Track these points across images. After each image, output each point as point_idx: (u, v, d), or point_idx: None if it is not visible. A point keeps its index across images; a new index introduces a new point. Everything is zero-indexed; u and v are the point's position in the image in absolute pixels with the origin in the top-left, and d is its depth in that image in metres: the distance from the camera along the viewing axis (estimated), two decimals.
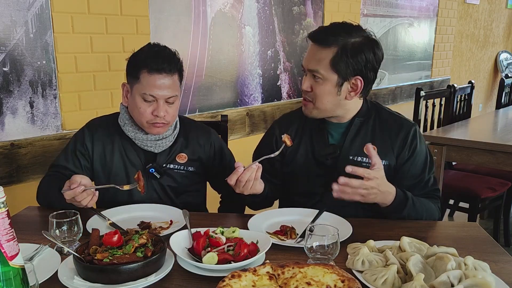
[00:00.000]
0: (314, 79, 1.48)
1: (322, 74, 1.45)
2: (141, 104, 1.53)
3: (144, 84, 1.51)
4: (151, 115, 1.53)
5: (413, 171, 1.53)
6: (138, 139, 1.61)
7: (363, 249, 1.14)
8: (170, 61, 1.53)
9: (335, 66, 1.43)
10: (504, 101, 4.28)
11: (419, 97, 3.17)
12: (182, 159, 1.67)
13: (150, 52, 1.54)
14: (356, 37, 1.45)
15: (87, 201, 1.37)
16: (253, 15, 3.01)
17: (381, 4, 4.19)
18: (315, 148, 1.58)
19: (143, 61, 1.52)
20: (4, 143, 2.00)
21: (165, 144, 1.63)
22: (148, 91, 1.51)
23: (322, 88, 1.47)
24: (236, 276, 1.01)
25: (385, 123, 1.56)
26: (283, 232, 1.37)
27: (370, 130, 1.55)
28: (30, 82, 2.05)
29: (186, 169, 1.68)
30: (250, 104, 3.12)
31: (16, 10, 1.96)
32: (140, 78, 1.52)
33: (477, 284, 0.98)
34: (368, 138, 1.53)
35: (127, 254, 1.10)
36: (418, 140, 1.54)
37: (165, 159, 1.65)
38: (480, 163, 2.64)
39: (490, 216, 3.59)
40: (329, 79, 1.45)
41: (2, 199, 0.75)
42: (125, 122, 1.62)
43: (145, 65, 1.51)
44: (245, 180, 1.37)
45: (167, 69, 1.51)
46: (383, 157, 1.49)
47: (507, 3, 6.59)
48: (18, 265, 0.78)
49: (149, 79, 1.51)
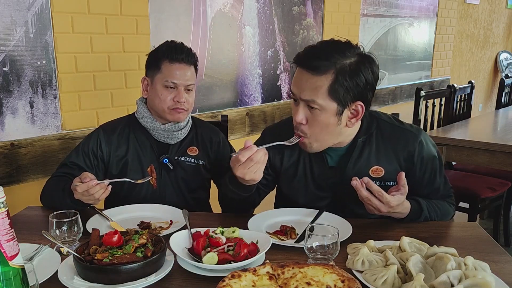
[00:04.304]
0: (309, 110, 1.33)
1: (320, 104, 1.29)
2: (163, 91, 1.65)
3: (166, 73, 1.65)
4: (172, 101, 1.65)
5: (426, 181, 1.48)
6: (156, 130, 1.69)
7: (363, 249, 1.14)
8: (189, 53, 1.68)
9: (334, 93, 1.28)
10: (504, 101, 4.28)
11: (419, 97, 3.17)
12: (193, 152, 1.75)
13: (170, 46, 1.69)
14: (351, 56, 1.31)
15: (99, 194, 1.39)
16: (253, 15, 3.01)
17: (381, 4, 4.19)
18: (314, 171, 1.49)
19: (164, 52, 1.66)
20: (4, 143, 2.00)
21: (180, 135, 1.73)
22: (170, 78, 1.64)
23: (320, 119, 1.32)
24: (236, 276, 1.01)
25: (389, 139, 1.45)
26: (283, 232, 1.37)
27: (374, 149, 1.44)
28: (30, 82, 2.05)
29: (197, 162, 1.75)
30: (250, 104, 3.12)
31: (16, 10, 1.96)
32: (161, 68, 1.65)
33: (477, 284, 0.98)
34: (372, 158, 1.44)
35: (127, 254, 1.10)
36: (425, 151, 1.46)
37: (177, 151, 1.73)
38: (480, 163, 2.64)
39: (490, 216, 3.59)
40: (327, 108, 1.30)
41: (2, 199, 0.75)
42: (144, 114, 1.70)
43: (166, 56, 1.65)
44: (256, 160, 1.27)
45: (186, 60, 1.66)
46: (391, 177, 1.43)
47: (507, 3, 6.59)
48: (18, 265, 0.78)
49: (171, 68, 1.65)
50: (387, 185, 1.42)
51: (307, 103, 1.32)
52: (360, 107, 1.34)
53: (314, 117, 1.33)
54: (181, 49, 1.67)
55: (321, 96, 1.29)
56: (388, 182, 1.44)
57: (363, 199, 1.32)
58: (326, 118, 1.32)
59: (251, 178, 1.31)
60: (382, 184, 1.41)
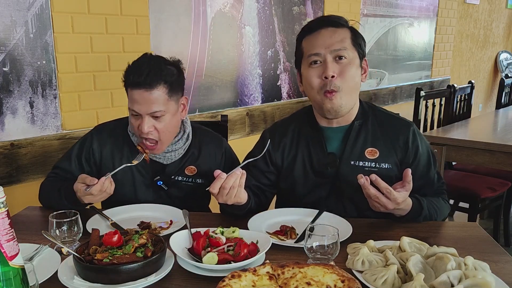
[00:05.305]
0: (337, 63, 1.40)
1: (348, 53, 1.40)
2: (131, 118, 1.52)
3: (130, 98, 1.49)
4: (138, 130, 1.50)
5: (419, 172, 1.49)
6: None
7: (363, 249, 1.14)
8: (149, 75, 1.44)
9: (355, 44, 1.42)
10: (504, 101, 4.28)
11: (419, 97, 3.17)
12: (190, 171, 1.63)
13: (133, 66, 1.50)
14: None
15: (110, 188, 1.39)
16: (253, 15, 3.01)
17: (381, 4, 4.19)
18: (313, 159, 1.51)
19: (127, 76, 1.50)
20: (4, 143, 2.00)
21: (174, 156, 1.60)
22: (130, 105, 1.48)
23: (351, 69, 1.40)
24: (236, 276, 1.01)
25: (383, 126, 1.52)
26: (283, 232, 1.37)
27: (370, 134, 1.50)
28: (30, 82, 2.05)
29: (194, 181, 1.64)
30: (250, 104, 3.12)
31: (16, 10, 1.96)
32: (128, 93, 1.50)
33: (477, 284, 0.98)
34: (368, 142, 1.49)
35: (127, 254, 1.10)
36: (419, 140, 1.51)
37: (174, 170, 1.62)
38: (480, 163, 2.64)
39: (490, 216, 3.59)
40: (354, 58, 1.42)
41: (2, 199, 0.75)
42: (133, 132, 1.59)
43: (127, 80, 1.49)
44: (229, 187, 1.28)
45: (146, 83, 1.44)
46: (385, 160, 1.47)
47: (507, 3, 6.59)
48: (18, 265, 0.78)
49: (131, 94, 1.48)
50: (382, 167, 1.46)
51: (337, 55, 1.40)
52: (365, 64, 1.48)
53: (344, 69, 1.40)
54: (140, 71, 1.44)
55: (348, 46, 1.41)
56: (383, 164, 1.47)
57: (370, 196, 1.32)
58: (354, 69, 1.42)
59: (234, 202, 1.33)
60: (377, 166, 1.46)
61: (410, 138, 1.49)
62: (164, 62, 1.52)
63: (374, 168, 1.46)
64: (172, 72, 1.50)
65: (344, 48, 1.40)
